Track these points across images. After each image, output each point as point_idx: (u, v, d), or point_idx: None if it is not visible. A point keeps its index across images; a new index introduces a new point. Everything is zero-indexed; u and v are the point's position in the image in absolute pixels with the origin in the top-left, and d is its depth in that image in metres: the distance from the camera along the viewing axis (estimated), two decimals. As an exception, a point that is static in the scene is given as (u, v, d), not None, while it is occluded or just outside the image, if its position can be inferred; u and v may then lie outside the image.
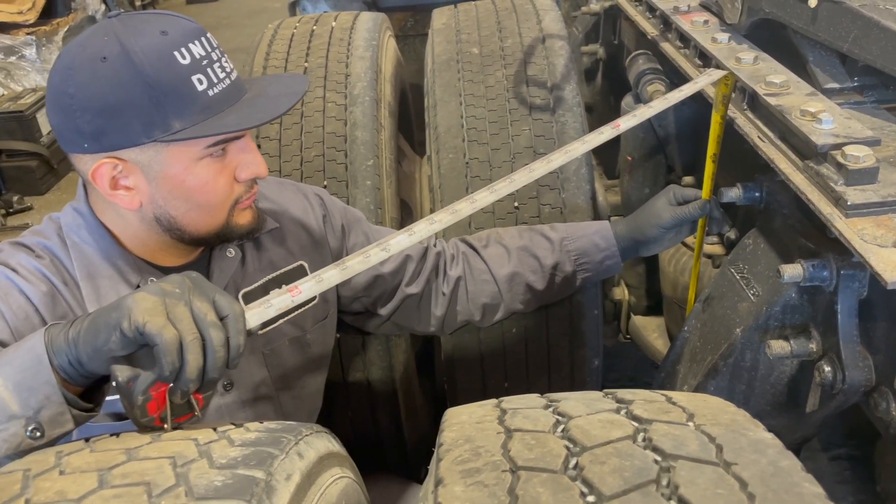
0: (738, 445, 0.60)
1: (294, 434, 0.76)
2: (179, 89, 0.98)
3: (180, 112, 0.99)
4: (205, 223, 1.10)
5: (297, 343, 1.32)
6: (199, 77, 1.00)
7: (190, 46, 1.00)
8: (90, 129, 0.98)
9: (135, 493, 0.60)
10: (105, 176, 1.02)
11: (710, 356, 1.29)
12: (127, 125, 0.98)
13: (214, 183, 1.06)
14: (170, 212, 1.07)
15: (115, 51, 0.96)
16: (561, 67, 1.65)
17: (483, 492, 0.56)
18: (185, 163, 1.03)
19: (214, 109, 1.01)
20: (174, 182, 1.04)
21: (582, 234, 1.40)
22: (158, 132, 0.98)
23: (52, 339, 0.81)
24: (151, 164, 1.02)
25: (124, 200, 1.05)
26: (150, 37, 0.98)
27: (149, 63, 0.97)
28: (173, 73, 0.98)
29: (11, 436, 0.78)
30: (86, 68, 0.97)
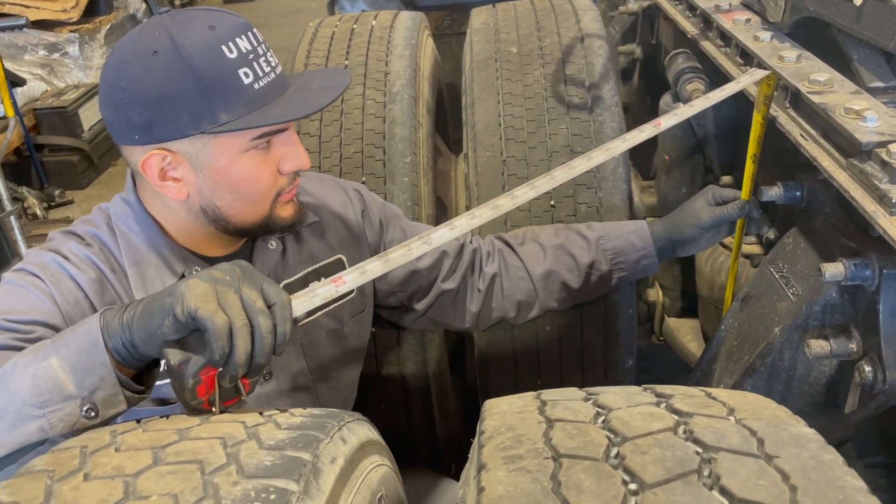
0: (779, 439, 0.61)
1: (337, 420, 0.78)
2: (226, 82, 1.01)
3: (227, 104, 1.02)
4: (249, 214, 1.13)
5: (334, 335, 1.34)
6: (245, 70, 1.02)
7: (237, 41, 1.03)
8: (141, 121, 1.02)
9: (188, 469, 0.63)
10: (154, 167, 1.05)
11: (748, 355, 1.29)
12: (176, 117, 1.01)
13: (259, 174, 1.09)
14: (215, 202, 1.10)
15: (166, 45, 1.00)
16: (599, 67, 1.65)
17: (526, 477, 0.57)
18: (231, 154, 1.06)
19: (260, 102, 1.04)
20: (220, 173, 1.07)
21: (619, 234, 1.40)
22: (206, 124, 1.01)
23: (107, 322, 0.84)
24: (199, 155, 1.05)
25: (172, 191, 1.08)
26: (198, 31, 1.01)
27: (197, 56, 1.00)
28: (221, 67, 1.01)
29: (67, 415, 0.81)
30: (137, 62, 1.01)
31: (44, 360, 0.83)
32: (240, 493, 0.60)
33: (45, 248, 1.12)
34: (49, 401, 0.81)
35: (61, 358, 0.82)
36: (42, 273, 1.07)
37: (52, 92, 4.79)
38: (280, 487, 0.61)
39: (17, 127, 4.18)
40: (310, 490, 0.63)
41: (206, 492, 0.60)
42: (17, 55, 4.82)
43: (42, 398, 0.81)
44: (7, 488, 0.64)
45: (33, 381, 0.81)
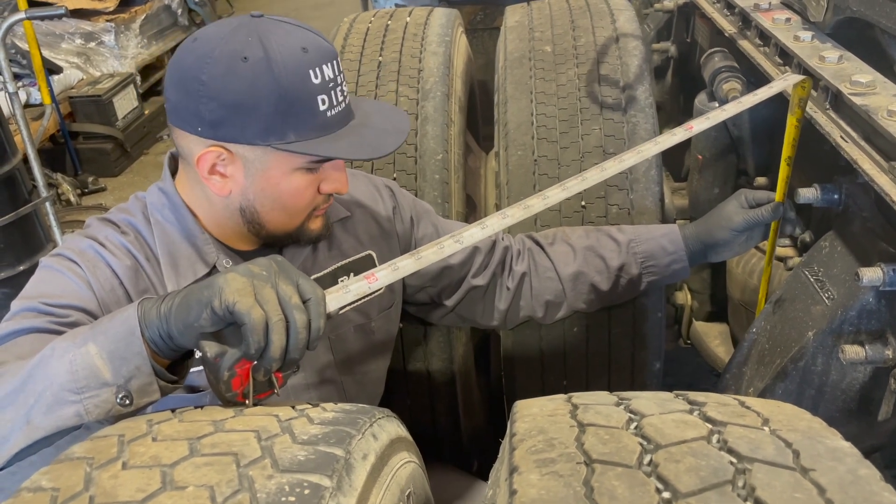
0: (815, 452, 0.60)
1: (368, 416, 0.79)
2: (305, 105, 1.04)
3: (298, 126, 1.04)
4: (282, 224, 1.15)
5: (361, 330, 1.35)
6: (323, 97, 1.05)
7: (323, 67, 1.05)
8: (211, 118, 1.03)
9: (224, 461, 0.63)
10: (208, 161, 1.07)
11: (780, 359, 1.27)
12: (248, 125, 1.03)
13: (304, 191, 1.12)
14: (256, 207, 1.12)
15: (258, 55, 1.01)
16: (634, 67, 1.64)
17: (559, 482, 0.57)
18: (285, 169, 1.09)
19: (328, 129, 1.07)
20: (269, 183, 1.09)
21: (650, 237, 1.39)
22: (274, 139, 1.04)
23: (144, 312, 0.85)
24: (255, 161, 1.08)
25: (216, 185, 1.10)
26: (292, 50, 1.03)
27: (286, 76, 1.01)
28: (304, 90, 1.03)
29: (103, 402, 0.83)
30: (224, 62, 1.01)
31: (82, 346, 0.84)
32: (274, 487, 0.61)
33: (83, 235, 1.14)
34: (86, 387, 0.82)
35: (99, 345, 0.84)
36: (79, 259, 1.09)
37: (88, 80, 4.86)
38: (314, 483, 0.61)
39: (53, 114, 4.25)
40: (342, 486, 0.63)
41: (241, 484, 0.61)
42: (55, 43, 4.90)
43: (79, 384, 0.82)
44: (47, 474, 0.65)
45: (71, 367, 0.83)
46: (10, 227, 2.91)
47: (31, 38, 3.96)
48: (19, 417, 0.83)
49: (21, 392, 0.84)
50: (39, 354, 0.86)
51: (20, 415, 0.83)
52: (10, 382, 0.85)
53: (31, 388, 0.83)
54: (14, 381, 0.85)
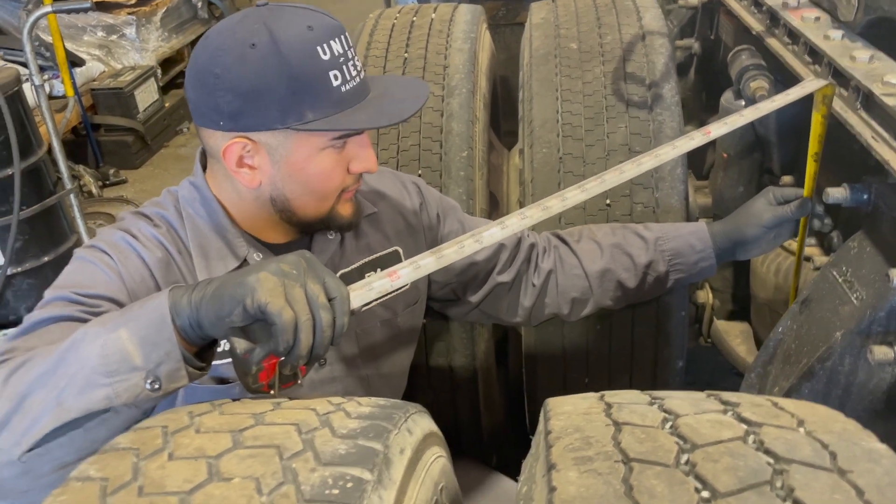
0: (852, 454, 0.61)
1: (403, 411, 0.80)
2: (317, 83, 1.04)
3: (314, 104, 1.05)
4: (313, 208, 1.16)
5: (387, 325, 1.36)
6: (335, 73, 1.06)
7: (331, 43, 1.06)
8: (229, 109, 1.05)
9: (268, 454, 0.65)
10: (234, 154, 1.09)
11: (806, 359, 1.27)
12: (264, 110, 1.04)
13: (331, 172, 1.13)
14: (285, 194, 1.13)
15: (265, 39, 1.03)
16: (660, 65, 1.64)
17: (598, 479, 0.58)
18: (310, 150, 1.10)
19: (345, 104, 1.07)
20: (296, 167, 1.11)
21: (677, 235, 1.39)
22: (292, 120, 1.05)
23: (175, 300, 0.87)
24: (278, 147, 1.09)
25: (246, 178, 1.12)
26: (297, 30, 1.04)
27: (294, 55, 1.03)
28: (314, 67, 1.04)
29: (133, 386, 0.84)
30: (234, 52, 1.03)
31: (113, 331, 0.86)
32: (318, 479, 0.62)
33: (116, 228, 1.16)
34: (116, 371, 0.84)
35: (130, 331, 0.85)
36: (111, 251, 1.11)
37: (110, 73, 4.90)
38: (356, 476, 0.63)
39: (76, 106, 4.29)
40: (383, 480, 0.65)
41: (285, 477, 0.62)
42: (77, 35, 4.94)
43: (110, 368, 0.84)
44: (96, 464, 0.67)
45: (102, 351, 0.84)
46: (35, 218, 2.95)
47: (54, 31, 4.00)
48: (50, 399, 0.84)
49: (52, 375, 0.86)
50: (70, 339, 0.88)
51: (51, 397, 0.84)
52: (41, 365, 0.87)
53: (62, 371, 0.85)
54: (45, 364, 0.87)
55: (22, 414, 0.84)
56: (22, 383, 0.86)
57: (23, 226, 2.88)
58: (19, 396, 0.85)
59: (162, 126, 5.08)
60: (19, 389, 0.85)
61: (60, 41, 4.10)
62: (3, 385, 0.86)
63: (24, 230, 2.92)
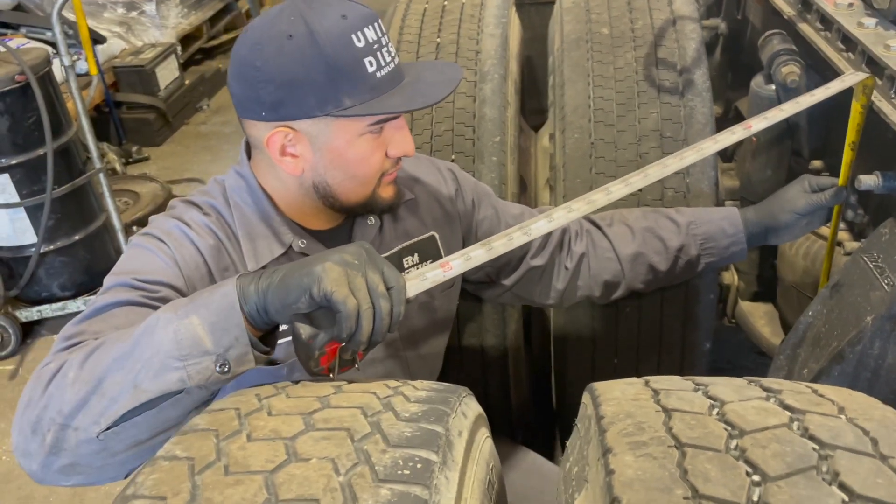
0: (892, 440, 0.64)
1: (456, 395, 0.84)
2: (353, 70, 1.08)
3: (351, 91, 1.08)
4: (355, 193, 1.20)
5: (425, 308, 1.41)
6: (370, 59, 1.09)
7: (365, 31, 1.09)
8: (270, 100, 1.09)
9: (339, 436, 0.69)
10: (277, 143, 1.13)
11: (836, 342, 1.30)
12: (304, 99, 1.08)
13: (370, 157, 1.16)
14: (327, 180, 1.17)
15: (302, 31, 1.06)
16: (691, 51, 1.65)
17: (653, 463, 0.62)
18: (349, 136, 1.13)
19: (380, 90, 1.10)
20: (336, 153, 1.14)
21: (709, 219, 1.42)
22: (331, 107, 1.08)
23: (243, 288, 0.91)
24: (319, 135, 1.12)
25: (289, 166, 1.16)
26: (332, 20, 1.07)
27: (330, 44, 1.06)
28: (349, 55, 1.07)
29: (204, 369, 0.89)
30: (273, 44, 1.07)
31: (185, 318, 0.90)
32: (389, 460, 0.66)
33: (169, 216, 1.21)
34: (189, 355, 0.88)
35: (201, 317, 0.90)
36: (166, 238, 1.15)
37: (131, 50, 4.93)
38: (424, 457, 0.67)
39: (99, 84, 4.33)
40: (447, 461, 0.69)
41: (358, 458, 0.66)
42: (97, 12, 4.97)
43: (183, 352, 0.88)
44: (180, 444, 0.71)
45: (176, 337, 0.89)
46: (66, 197, 3.01)
47: (78, 8, 4.01)
48: (127, 381, 0.89)
49: (129, 358, 0.90)
50: (144, 324, 0.93)
51: (128, 379, 0.89)
52: (116, 349, 0.92)
53: (138, 354, 0.90)
54: (121, 348, 0.92)
55: (100, 395, 0.89)
56: (99, 366, 0.91)
57: (54, 204, 2.94)
58: (97, 379, 0.90)
59: (182, 103, 5.12)
60: (96, 373, 0.90)
61: (84, 19, 4.12)
62: (79, 368, 0.91)
63: (56, 209, 2.98)
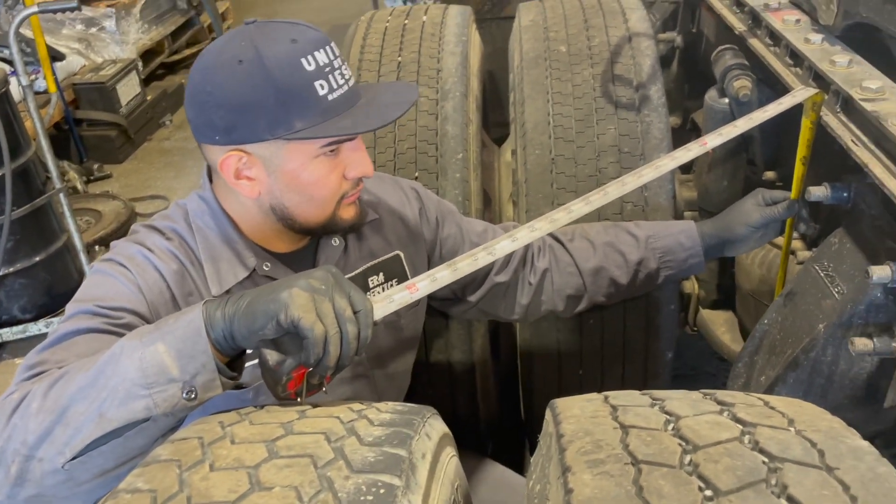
0: (838, 451, 0.67)
1: (420, 416, 0.85)
2: (303, 93, 1.08)
3: (302, 113, 1.09)
4: (314, 215, 1.20)
5: (391, 327, 1.41)
6: (321, 82, 1.09)
7: (315, 54, 1.09)
8: (222, 124, 1.10)
9: (303, 463, 0.70)
10: (231, 166, 1.13)
11: (791, 349, 1.34)
12: (254, 122, 1.09)
13: (326, 179, 1.17)
14: (284, 203, 1.18)
15: (251, 55, 1.07)
16: (647, 67, 1.69)
17: (610, 481, 0.64)
18: (302, 159, 1.14)
19: (332, 112, 1.11)
20: (291, 176, 1.15)
21: (667, 233, 1.46)
22: (281, 130, 1.09)
23: (209, 314, 0.91)
24: (272, 158, 1.13)
25: (245, 189, 1.16)
26: (281, 44, 1.08)
27: (278, 68, 1.07)
28: (299, 78, 1.08)
29: (170, 396, 0.89)
30: (224, 69, 1.08)
31: (150, 345, 0.90)
32: (352, 487, 0.67)
33: (131, 241, 1.20)
34: (155, 382, 0.88)
35: (167, 344, 0.90)
36: (129, 264, 1.15)
37: (91, 67, 4.86)
38: (387, 482, 0.68)
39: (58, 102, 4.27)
40: (410, 485, 0.70)
41: (322, 485, 0.67)
42: (56, 29, 4.90)
43: (149, 380, 0.88)
44: (142, 476, 0.71)
45: (141, 364, 0.89)
46: (25, 218, 2.96)
47: (35, 26, 3.97)
48: (92, 410, 0.89)
49: (93, 387, 0.90)
50: (109, 352, 0.92)
51: (93, 408, 0.89)
52: (81, 378, 0.92)
53: (102, 383, 0.90)
54: (85, 377, 0.91)
55: (64, 425, 0.88)
56: (63, 396, 0.90)
57: (14, 226, 2.89)
58: (61, 408, 0.89)
59: (144, 119, 5.06)
60: (60, 402, 0.89)
61: (41, 36, 4.07)
62: (43, 398, 0.91)
63: (15, 230, 2.93)
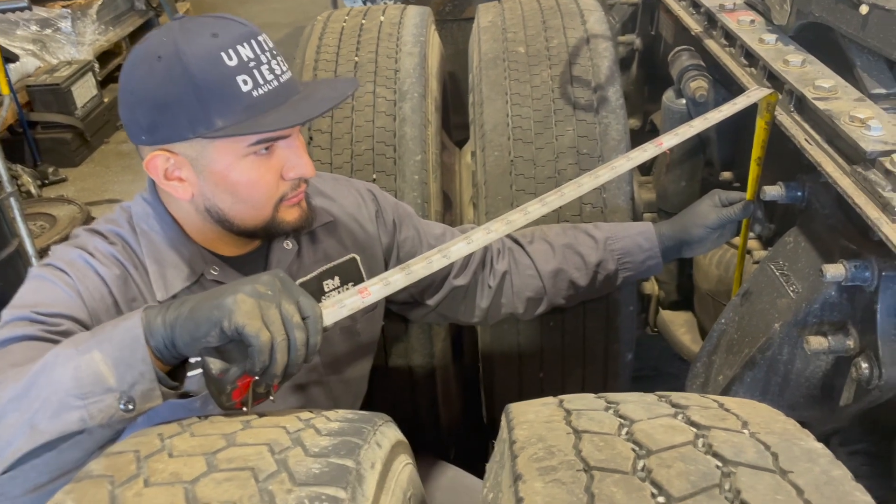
0: (792, 454, 0.66)
1: (371, 424, 0.82)
2: (223, 89, 1.04)
3: (223, 110, 1.04)
4: (250, 217, 1.15)
5: (347, 332, 1.38)
6: (244, 78, 1.05)
7: (238, 48, 1.05)
8: (146, 123, 1.06)
9: (243, 477, 0.67)
10: (159, 167, 1.09)
11: (748, 349, 1.34)
12: (175, 120, 1.05)
13: (258, 180, 1.11)
14: (217, 204, 1.13)
15: (170, 51, 1.03)
16: (605, 69, 1.68)
17: (562, 489, 0.62)
18: (230, 159, 1.09)
19: (257, 109, 1.06)
20: (219, 176, 1.10)
21: (626, 235, 1.45)
22: (202, 128, 1.05)
23: (149, 321, 0.87)
24: (199, 158, 1.09)
25: (177, 191, 1.12)
26: (201, 38, 1.04)
27: (196, 63, 1.03)
28: (218, 74, 1.03)
29: (107, 406, 0.85)
30: (144, 66, 1.05)
31: (86, 353, 0.86)
32: (294, 500, 0.64)
33: (71, 245, 1.15)
34: (90, 392, 0.84)
35: (104, 352, 0.86)
36: (68, 269, 1.10)
37: (45, 68, 4.74)
38: (331, 495, 0.65)
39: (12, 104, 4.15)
40: (356, 497, 0.67)
41: (262, 499, 0.64)
42: (9, 30, 4.77)
43: (84, 390, 0.84)
44: (71, 493, 0.67)
45: (76, 374, 0.85)
46: (-27, 223, 2.86)
47: (-15, 27, 3.86)
48: (23, 422, 0.84)
49: (24, 398, 0.85)
50: (42, 361, 0.88)
51: (24, 420, 0.84)
52: (11, 389, 0.87)
53: (34, 393, 0.85)
54: (16, 387, 0.87)
55: None
56: None
57: (-39, 232, 2.79)
58: None
59: (102, 122, 4.95)
60: None
61: (-8, 37, 3.96)
62: None
63: (-37, 236, 2.82)
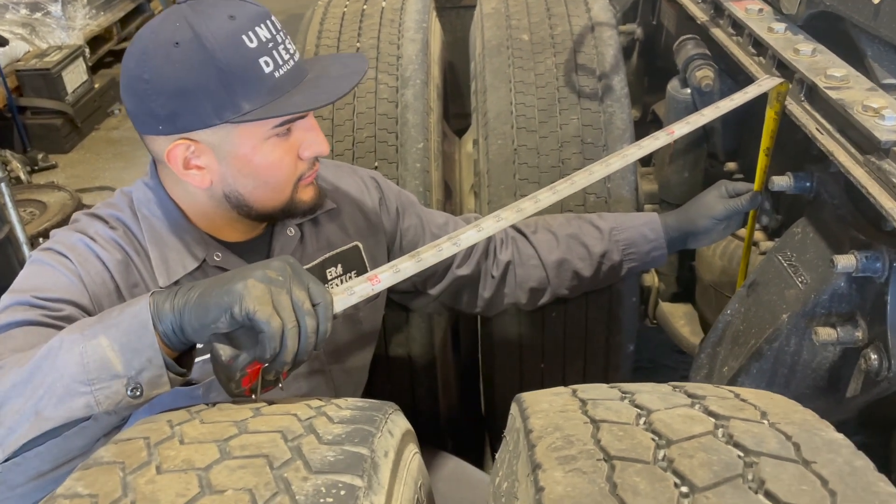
0: (813, 444, 0.65)
1: (382, 413, 0.81)
2: (248, 72, 1.02)
3: (249, 94, 1.03)
4: (271, 199, 1.14)
5: (349, 320, 1.37)
6: (265, 59, 1.03)
7: (257, 30, 1.03)
8: (164, 113, 1.03)
9: (257, 464, 0.65)
10: (179, 157, 1.07)
11: (755, 340, 1.33)
12: (199, 108, 1.02)
13: (280, 161, 1.11)
14: (238, 189, 1.12)
15: (188, 36, 1.00)
16: (610, 57, 1.67)
17: (583, 478, 0.61)
18: (254, 142, 1.08)
19: (281, 90, 1.05)
20: (243, 161, 1.09)
21: (631, 225, 1.44)
22: (229, 113, 1.03)
23: (157, 306, 0.86)
24: (222, 144, 1.07)
25: (196, 179, 1.10)
26: (219, 21, 1.02)
27: (219, 47, 1.00)
28: (242, 57, 1.02)
29: (114, 393, 0.83)
30: (160, 53, 1.01)
31: (92, 338, 0.84)
32: (311, 488, 0.63)
33: (72, 229, 1.14)
34: (97, 378, 0.83)
35: (111, 338, 0.84)
36: (70, 253, 1.08)
37: (35, 53, 4.68)
38: (347, 483, 0.64)
39: (1, 89, 4.10)
40: (372, 485, 0.66)
41: (278, 487, 0.63)
42: (-2, 13, 4.71)
43: (90, 376, 0.83)
44: (81, 480, 0.66)
45: (82, 359, 0.83)
46: (-37, 209, 2.82)
47: (-25, 10, 3.80)
48: (27, 409, 0.83)
49: (28, 384, 0.84)
50: (46, 346, 0.86)
51: (28, 406, 0.83)
52: (15, 374, 0.85)
53: (39, 379, 0.84)
54: (20, 372, 0.85)
55: None
56: None
57: (-49, 217, 2.75)
58: None
59: (92, 108, 4.90)
60: None
61: (-19, 20, 3.90)
62: None
63: (-47, 222, 2.79)
